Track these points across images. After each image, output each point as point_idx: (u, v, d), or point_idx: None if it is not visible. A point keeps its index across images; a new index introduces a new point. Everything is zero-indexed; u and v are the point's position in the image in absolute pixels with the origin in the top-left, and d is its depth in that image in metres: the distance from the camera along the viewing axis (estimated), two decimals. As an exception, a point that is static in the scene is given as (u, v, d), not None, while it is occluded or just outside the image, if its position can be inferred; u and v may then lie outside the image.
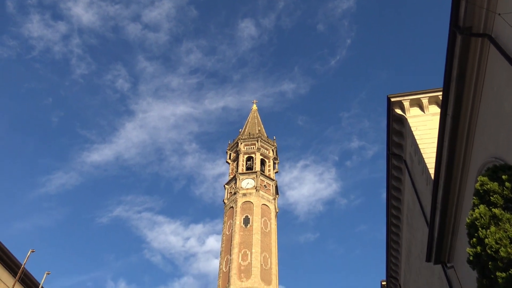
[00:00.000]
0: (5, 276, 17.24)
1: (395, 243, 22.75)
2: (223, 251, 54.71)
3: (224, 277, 51.38)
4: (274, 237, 56.09)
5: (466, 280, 12.53)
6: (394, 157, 19.22)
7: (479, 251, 6.25)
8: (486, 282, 6.20)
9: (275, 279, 51.80)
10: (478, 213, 6.45)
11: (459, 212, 12.26)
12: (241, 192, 58.41)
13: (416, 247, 18.75)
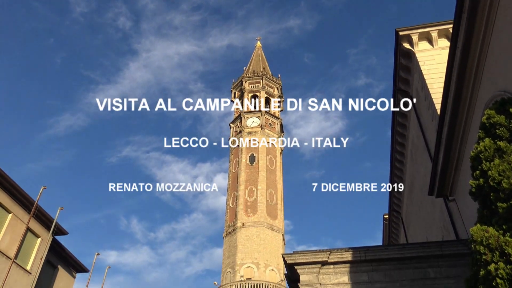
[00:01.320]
0: (21, 213, 17.92)
1: (398, 178, 23.15)
2: (230, 188, 56.13)
3: (231, 213, 53.13)
4: (279, 174, 57.19)
5: (467, 212, 12.85)
6: (401, 93, 19.01)
7: (482, 183, 6.33)
8: (486, 213, 6.33)
9: (281, 214, 53.53)
10: (483, 146, 6.45)
11: (463, 147, 12.31)
12: (247, 130, 58.76)
13: (419, 181, 19.07)
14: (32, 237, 18.53)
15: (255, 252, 47.95)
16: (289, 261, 13.83)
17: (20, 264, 17.35)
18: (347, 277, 13.48)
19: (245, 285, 44.89)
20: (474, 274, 6.10)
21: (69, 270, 21.48)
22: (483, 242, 5.74)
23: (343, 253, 13.57)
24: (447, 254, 12.73)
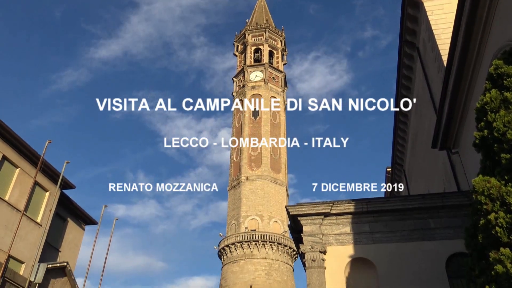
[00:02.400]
0: (28, 167, 18.18)
1: (402, 131, 23.12)
2: (234, 143, 56.44)
3: (235, 167, 53.72)
4: (283, 128, 57.23)
5: (469, 164, 12.92)
6: (407, 45, 18.61)
7: (486, 134, 6.31)
8: (489, 164, 6.36)
9: (284, 168, 54.10)
10: (489, 97, 6.37)
11: (469, 99, 12.19)
12: (250, 85, 58.23)
13: (423, 134, 19.06)
14: (40, 191, 18.92)
15: (259, 204, 48.91)
16: (293, 213, 14.12)
17: (31, 216, 17.82)
18: (349, 227, 13.80)
19: (250, 236, 46.15)
20: (474, 223, 6.22)
21: (78, 222, 22.07)
22: (484, 192, 5.81)
23: (345, 204, 13.82)
24: (448, 205, 12.93)
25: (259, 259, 45.32)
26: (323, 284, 12.99)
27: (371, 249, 13.35)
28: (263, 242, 45.85)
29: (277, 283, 44.56)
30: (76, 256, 21.74)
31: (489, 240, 5.60)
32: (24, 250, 16.61)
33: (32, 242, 17.11)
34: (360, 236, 13.59)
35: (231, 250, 46.55)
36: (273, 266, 45.38)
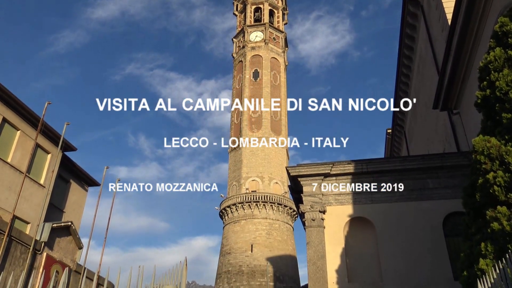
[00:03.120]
0: (29, 130, 18.21)
1: (403, 92, 22.95)
2: (234, 105, 56.18)
3: (236, 129, 53.74)
4: (283, 90, 56.79)
5: (470, 125, 12.90)
6: (411, 3, 18.14)
7: (488, 94, 6.25)
8: (490, 124, 6.34)
9: (285, 130, 54.12)
10: (493, 55, 6.27)
11: (472, 59, 12.01)
12: (250, 45, 57.26)
13: (424, 95, 18.93)
14: (42, 153, 19.03)
15: (259, 166, 49.30)
16: (293, 174, 14.25)
17: (33, 178, 18.02)
18: (348, 188, 13.97)
19: (250, 197, 46.82)
20: (472, 182, 6.27)
21: (81, 184, 22.33)
22: (484, 152, 5.82)
23: (345, 165, 13.92)
24: (447, 165, 13.03)
25: (259, 219, 46.18)
26: (322, 243, 13.29)
27: (369, 209, 13.56)
28: (263, 203, 46.57)
29: (277, 242, 45.62)
30: (80, 217, 22.15)
31: (487, 199, 5.67)
32: (29, 211, 16.92)
33: (36, 203, 17.38)
34: (359, 196, 13.77)
35: (232, 210, 47.35)
36: (274, 226, 46.31)
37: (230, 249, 45.67)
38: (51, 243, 9.63)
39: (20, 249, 8.61)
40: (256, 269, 43.40)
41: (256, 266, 43.51)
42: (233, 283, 43.35)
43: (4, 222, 8.40)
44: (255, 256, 44.16)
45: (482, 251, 5.45)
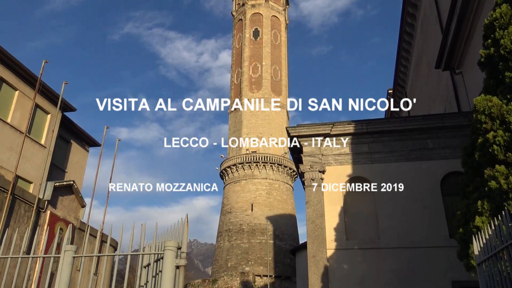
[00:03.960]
0: (27, 90, 18.08)
1: (406, 51, 22.59)
2: (234, 65, 55.45)
3: (236, 89, 53.35)
4: (284, 49, 55.91)
5: (472, 85, 12.78)
6: (416, -42, 17.54)
7: (492, 52, 6.14)
8: (492, 83, 6.27)
9: (285, 90, 53.74)
10: (499, 12, 6.11)
11: (477, 18, 11.73)
12: (250, 3, 55.81)
13: (427, 55, 18.65)
14: (42, 113, 18.98)
15: (259, 127, 49.32)
16: (293, 134, 14.27)
17: (34, 138, 18.07)
18: (348, 148, 14.02)
19: (250, 157, 47.13)
20: (472, 142, 6.28)
21: (81, 144, 22.42)
22: (485, 112, 5.79)
23: (345, 126, 13.91)
24: (447, 125, 13.02)
25: (259, 179, 46.70)
26: (321, 202, 13.50)
27: (369, 169, 13.67)
28: (263, 163, 46.95)
29: (277, 202, 46.37)
30: (82, 177, 22.38)
31: (485, 158, 5.69)
32: (31, 171, 17.07)
33: (38, 163, 17.51)
34: (358, 157, 13.85)
35: (232, 171, 47.81)
36: (273, 186, 46.91)
37: (231, 209, 46.47)
38: (54, 201, 9.78)
39: (24, 207, 8.76)
40: (256, 228, 44.35)
41: (256, 225, 44.43)
42: (234, 240, 44.41)
43: (7, 180, 8.50)
44: (255, 215, 45.00)
45: (478, 209, 5.53)
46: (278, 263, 42.72)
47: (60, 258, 4.02)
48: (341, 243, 13.06)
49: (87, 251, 3.89)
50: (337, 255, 12.95)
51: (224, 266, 43.43)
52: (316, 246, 12.96)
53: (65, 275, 3.97)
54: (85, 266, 8.72)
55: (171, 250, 3.72)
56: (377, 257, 12.66)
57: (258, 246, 43.38)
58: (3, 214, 7.68)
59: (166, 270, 3.67)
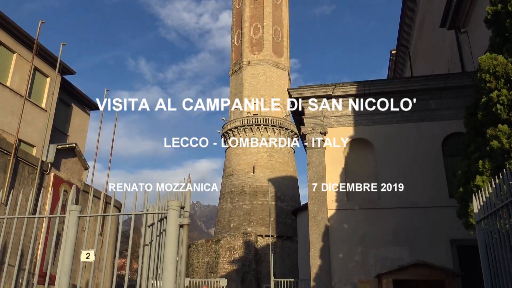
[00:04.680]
0: (25, 53, 17.83)
1: (410, 10, 22.06)
2: (234, 26, 54.37)
3: (236, 51, 52.56)
4: (285, 9, 54.60)
5: (477, 44, 12.54)
6: None
7: (499, 9, 5.98)
8: (498, 41, 6.15)
9: (286, 52, 52.93)
10: (508, -33, 5.89)
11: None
12: (250, -39, 54.04)
13: (432, 15, 18.20)
14: (41, 77, 18.81)
15: (260, 89, 48.95)
16: (295, 95, 14.17)
17: (35, 102, 17.99)
18: (350, 109, 13.96)
19: (252, 120, 47.07)
20: (475, 101, 6.23)
21: (82, 108, 22.34)
22: (490, 70, 5.70)
23: (347, 87, 13.79)
24: (450, 86, 12.89)
25: (261, 142, 46.82)
26: (323, 163, 13.58)
27: (371, 130, 13.66)
28: (265, 126, 46.93)
29: (278, 164, 46.70)
30: (84, 140, 22.45)
31: (488, 118, 5.66)
32: (33, 135, 17.11)
33: (40, 127, 17.51)
34: (360, 118, 13.80)
35: (234, 133, 47.86)
36: (275, 148, 47.09)
37: (233, 171, 46.88)
38: (58, 164, 9.85)
39: (28, 169, 8.84)
40: (258, 190, 44.90)
41: (258, 187, 44.96)
42: (236, 202, 45.08)
43: (9, 143, 8.53)
44: (257, 177, 45.45)
45: (479, 168, 5.56)
46: (280, 224, 43.55)
47: (65, 218, 4.08)
48: (342, 204, 13.25)
49: (92, 212, 3.96)
50: (337, 215, 13.16)
51: (227, 227, 44.31)
52: (317, 207, 13.15)
53: (71, 235, 4.05)
54: (91, 226, 8.89)
55: (174, 210, 3.77)
56: (377, 217, 12.87)
57: (260, 208, 44.08)
58: (8, 176, 7.76)
59: (170, 229, 3.73)
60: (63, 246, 4.00)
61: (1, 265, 6.15)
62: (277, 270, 35.72)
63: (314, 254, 12.71)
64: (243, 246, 39.94)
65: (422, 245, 12.18)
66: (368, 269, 12.37)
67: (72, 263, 4.05)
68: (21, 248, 4.38)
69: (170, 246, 3.68)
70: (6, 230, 5.28)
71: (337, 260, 12.65)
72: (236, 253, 39.75)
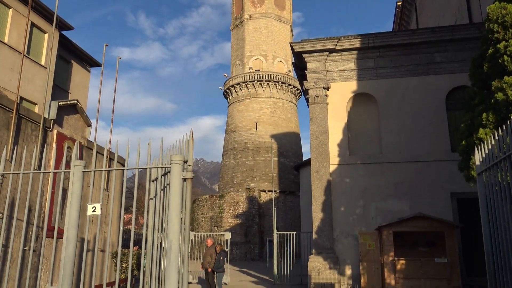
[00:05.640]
0: (21, 8, 17.40)
1: (418, -41, 21.22)
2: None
3: (237, 4, 51.14)
4: (288, -41, 52.58)
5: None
6: None
7: (511, -45, 5.72)
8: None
9: (289, 4, 51.47)
10: None
11: None
12: None
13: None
14: (39, 33, 18.45)
15: (262, 44, 48.05)
16: (297, 49, 13.91)
17: (34, 59, 17.75)
18: (354, 63, 13.73)
19: (254, 76, 46.54)
20: (482, 53, 6.09)
21: (82, 64, 22.05)
22: (498, 20, 5.53)
23: (351, 40, 13.50)
24: (457, 38, 12.60)
25: (263, 98, 46.54)
26: (325, 118, 13.54)
27: (374, 85, 13.51)
28: (267, 82, 46.47)
29: (281, 120, 46.64)
30: (86, 97, 22.34)
31: (494, 69, 5.55)
32: (34, 92, 17.02)
33: (40, 84, 17.38)
34: (364, 72, 13.61)
35: (236, 90, 47.49)
36: (277, 105, 46.87)
37: (235, 128, 46.92)
38: (60, 121, 9.86)
39: (31, 126, 8.86)
40: (260, 146, 45.12)
41: (261, 143, 45.15)
42: (239, 158, 45.45)
43: (10, 100, 8.50)
44: (260, 133, 45.54)
45: (483, 121, 5.51)
46: (283, 179, 44.09)
47: (70, 173, 4.12)
48: (344, 158, 13.33)
49: (96, 167, 4.08)
50: (340, 169, 13.28)
51: (230, 183, 44.93)
52: (320, 162, 13.25)
53: (76, 189, 4.10)
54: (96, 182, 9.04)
55: (177, 164, 3.79)
56: (379, 171, 12.98)
57: (262, 164, 44.47)
58: (11, 133, 7.79)
59: (174, 182, 3.77)
60: (69, 201, 4.07)
61: (10, 219, 6.30)
62: (280, 224, 36.56)
63: (316, 208, 12.94)
64: (246, 201, 40.69)
65: (423, 198, 12.36)
66: (369, 222, 12.63)
67: (79, 216, 4.13)
68: (29, 203, 4.45)
69: (174, 199, 3.73)
70: (13, 186, 5.36)
71: (338, 213, 12.90)
72: (239, 208, 40.56)
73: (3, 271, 6.33)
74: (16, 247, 6.98)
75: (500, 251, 4.45)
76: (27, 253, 7.05)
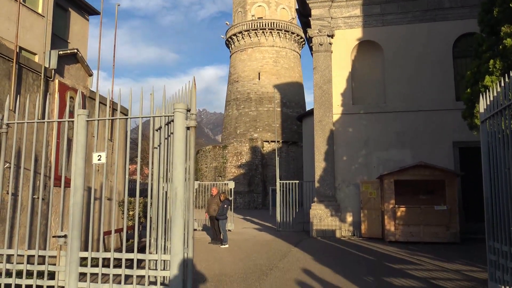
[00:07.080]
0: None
1: None
2: None
3: None
4: None
5: None
6: None
7: None
8: None
9: None
10: None
11: None
12: None
13: None
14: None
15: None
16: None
17: (30, 7, 17.31)
18: (359, 10, 13.33)
19: (256, 24, 45.39)
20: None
21: (81, 13, 21.51)
22: (511, -38, 5.29)
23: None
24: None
25: (266, 47, 45.65)
26: (329, 67, 13.35)
27: (380, 32, 13.20)
28: (270, 30, 45.38)
29: (284, 70, 46.01)
30: (86, 47, 21.99)
31: (505, 14, 5.38)
32: (33, 42, 16.73)
33: (39, 33, 17.05)
34: (370, 19, 13.25)
35: (238, 39, 46.50)
36: (281, 54, 46.05)
37: (238, 78, 46.41)
38: (61, 70, 9.75)
39: (32, 76, 8.77)
40: (263, 96, 44.84)
41: (264, 93, 44.83)
42: (242, 109, 45.33)
43: (10, 49, 8.36)
44: (262, 83, 45.10)
45: (489, 68, 5.42)
46: (285, 130, 44.16)
47: (74, 123, 4.13)
48: (347, 108, 13.28)
49: (100, 117, 4.11)
50: (343, 119, 13.26)
51: (233, 133, 45.08)
52: (323, 111, 13.21)
53: (81, 138, 4.13)
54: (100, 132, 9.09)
55: (180, 112, 3.79)
56: (382, 120, 12.97)
57: (265, 114, 44.37)
58: (12, 83, 7.73)
59: (177, 131, 3.78)
60: (74, 149, 4.10)
61: (18, 169, 6.40)
62: (283, 174, 37.02)
63: (318, 157, 13.06)
64: (249, 151, 41.03)
65: (425, 148, 12.43)
66: (370, 171, 12.79)
67: (85, 165, 4.19)
68: (35, 152, 4.50)
69: (178, 147, 3.76)
70: (18, 136, 5.40)
71: (341, 162, 13.03)
72: (243, 158, 40.97)
73: (14, 217, 6.52)
74: (25, 195, 7.14)
75: (499, 198, 4.52)
76: (36, 201, 7.22)
